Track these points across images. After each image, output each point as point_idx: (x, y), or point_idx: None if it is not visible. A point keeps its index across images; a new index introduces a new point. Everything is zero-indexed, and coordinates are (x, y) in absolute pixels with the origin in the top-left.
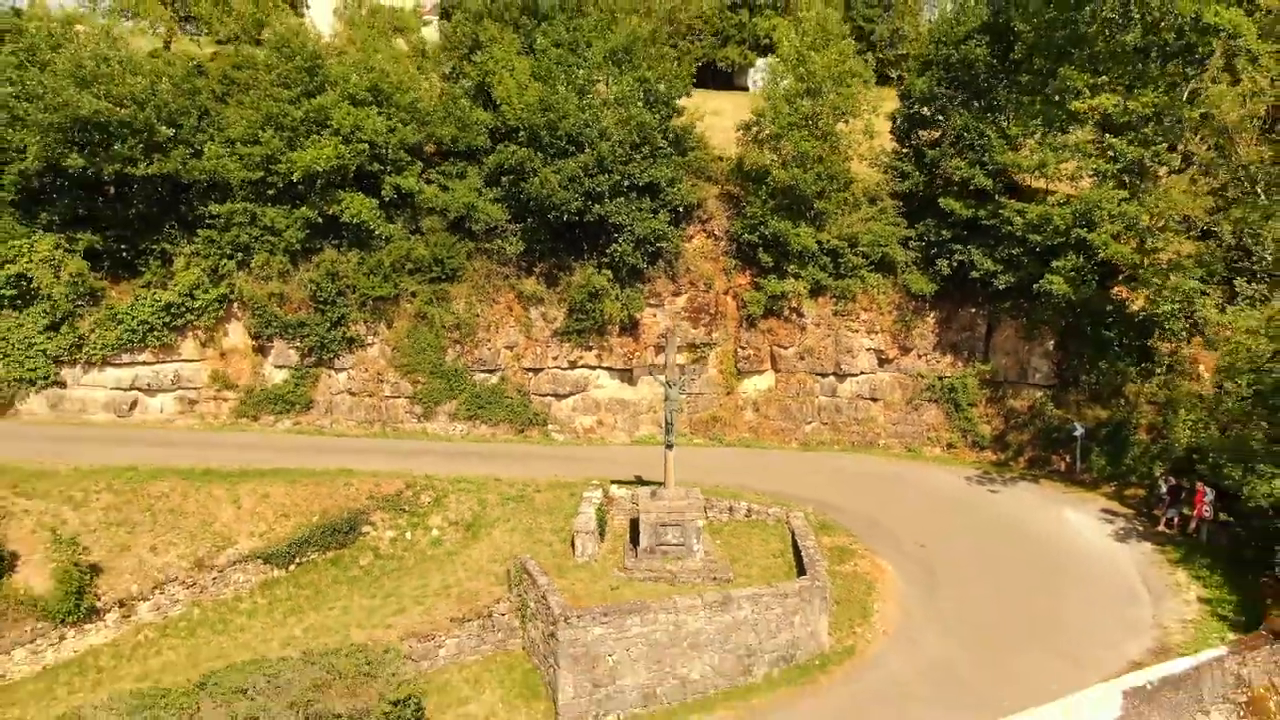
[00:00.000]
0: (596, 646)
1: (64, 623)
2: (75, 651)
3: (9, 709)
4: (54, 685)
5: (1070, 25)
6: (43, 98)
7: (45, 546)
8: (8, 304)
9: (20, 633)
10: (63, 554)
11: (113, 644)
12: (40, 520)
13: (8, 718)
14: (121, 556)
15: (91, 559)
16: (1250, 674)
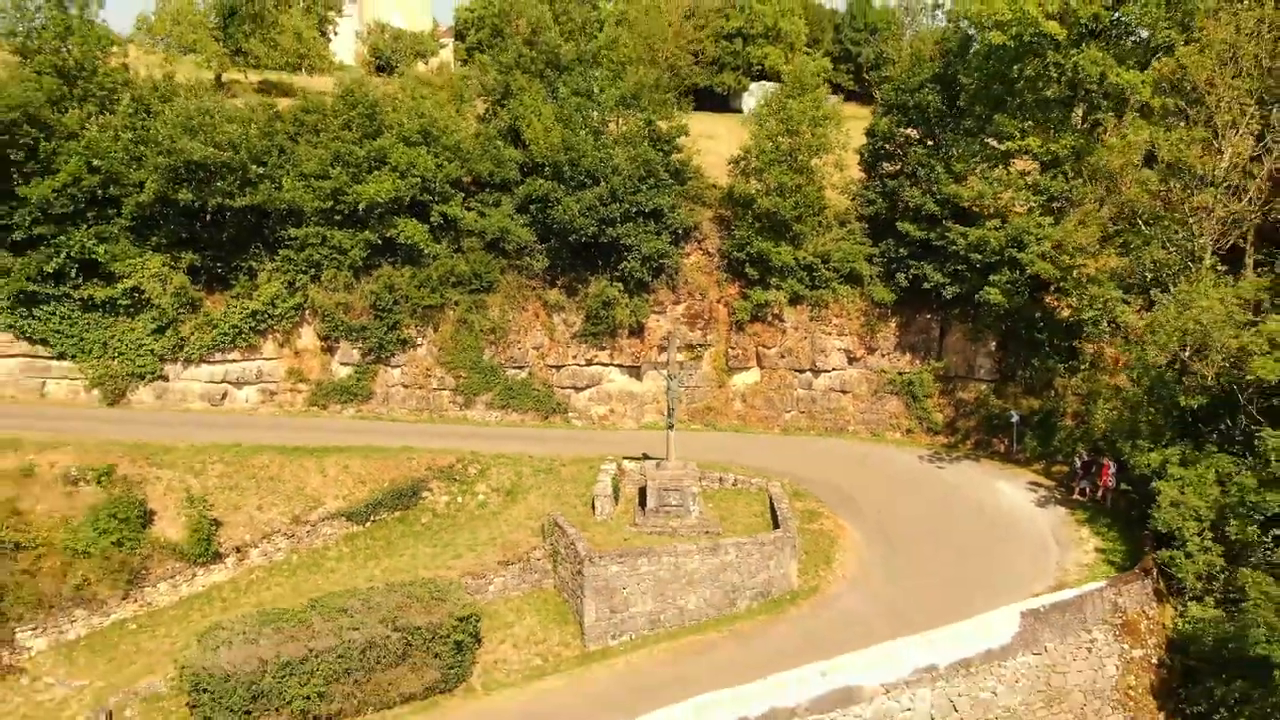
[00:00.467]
0: (613, 581)
1: (195, 563)
2: (203, 586)
3: (157, 628)
4: (189, 611)
5: (1004, 80)
6: (159, 144)
7: (177, 505)
8: (123, 311)
9: (162, 570)
10: (194, 510)
11: (232, 581)
12: (169, 485)
13: (157, 634)
14: (235, 513)
15: (213, 515)
16: (1125, 602)
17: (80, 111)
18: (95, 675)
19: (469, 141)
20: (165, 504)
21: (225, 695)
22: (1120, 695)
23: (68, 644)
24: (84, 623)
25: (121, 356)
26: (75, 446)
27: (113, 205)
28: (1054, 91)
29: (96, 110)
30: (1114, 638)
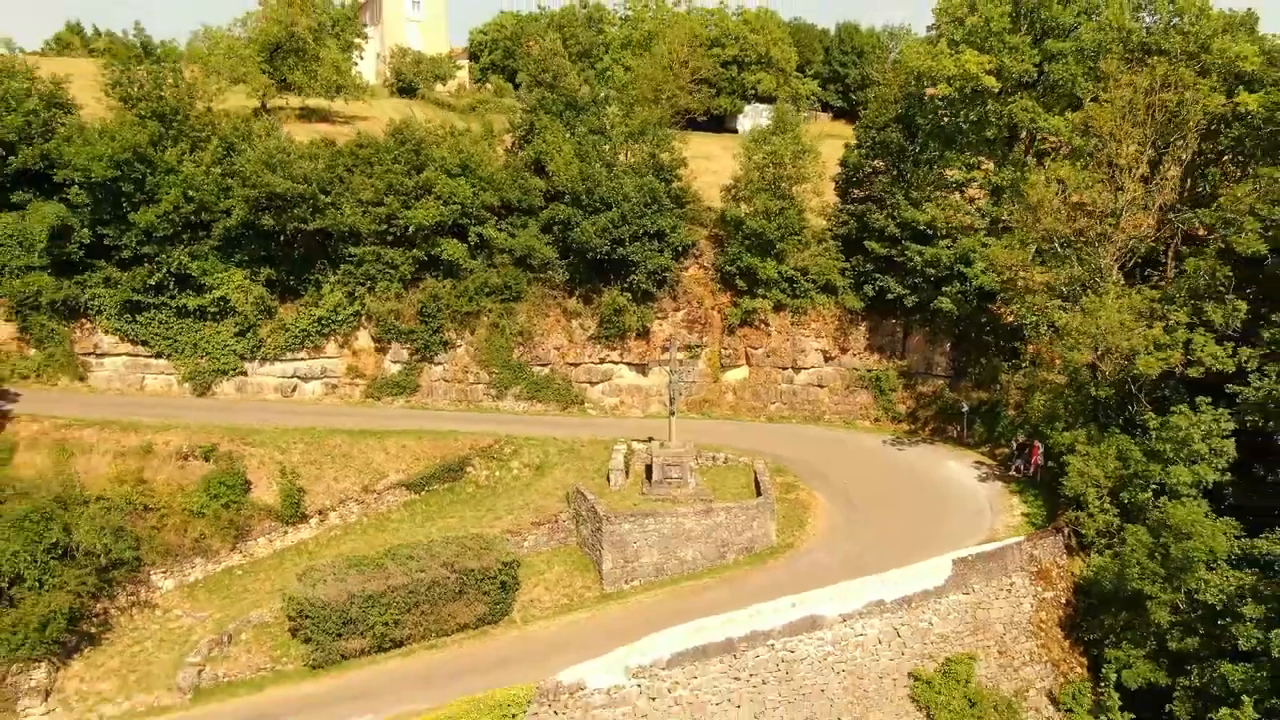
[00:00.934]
0: (626, 537)
1: (286, 523)
2: (293, 541)
3: (259, 573)
4: (283, 561)
5: (954, 121)
6: (245, 178)
7: (269, 476)
8: (211, 317)
9: (260, 528)
10: (285, 480)
11: (315, 537)
12: (261, 460)
13: (259, 578)
14: (316, 483)
15: (299, 484)
16: (1040, 554)
17: (176, 150)
18: (214, 608)
19: (500, 173)
20: (259, 475)
21: (322, 620)
22: (1033, 627)
23: (190, 585)
24: (201, 568)
25: (209, 355)
26: (182, 429)
27: (204, 228)
28: (994, 133)
29: (189, 148)
30: (1030, 582)
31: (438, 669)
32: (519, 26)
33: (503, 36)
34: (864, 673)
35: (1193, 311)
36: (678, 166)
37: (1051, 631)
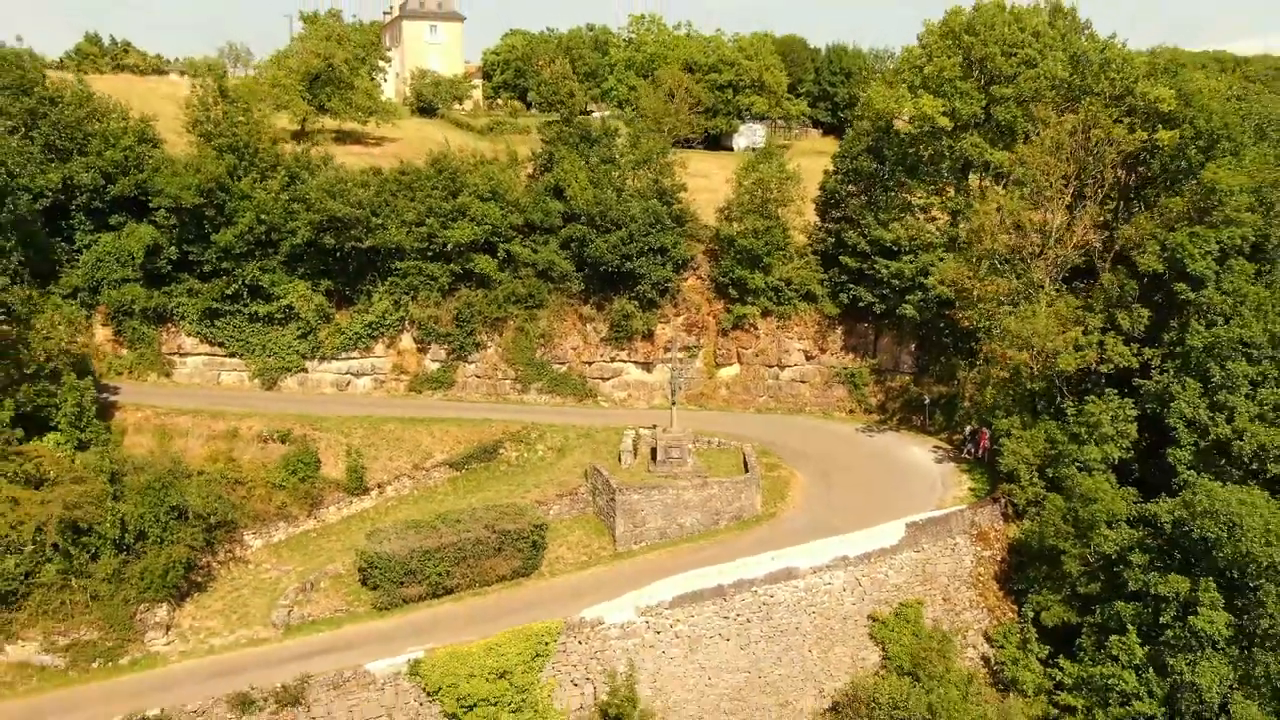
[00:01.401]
0: (635, 505)
1: (351, 494)
2: (358, 510)
3: (330, 535)
4: (350, 525)
5: (915, 153)
6: (310, 203)
7: (336, 455)
8: (277, 322)
9: (330, 499)
10: (350, 459)
11: (375, 507)
12: (328, 443)
13: (331, 539)
14: (375, 462)
15: (361, 462)
16: (980, 520)
17: (249, 179)
18: (295, 563)
19: (524, 197)
20: (327, 455)
21: (387, 571)
22: (973, 579)
23: (274, 544)
24: (283, 531)
25: (275, 355)
26: (260, 416)
27: (273, 246)
28: (948, 165)
29: (260, 177)
30: (971, 542)
31: (482, 611)
32: (529, 47)
33: (514, 57)
34: (830, 614)
35: (1107, 318)
36: (678, 190)
37: (988, 583)
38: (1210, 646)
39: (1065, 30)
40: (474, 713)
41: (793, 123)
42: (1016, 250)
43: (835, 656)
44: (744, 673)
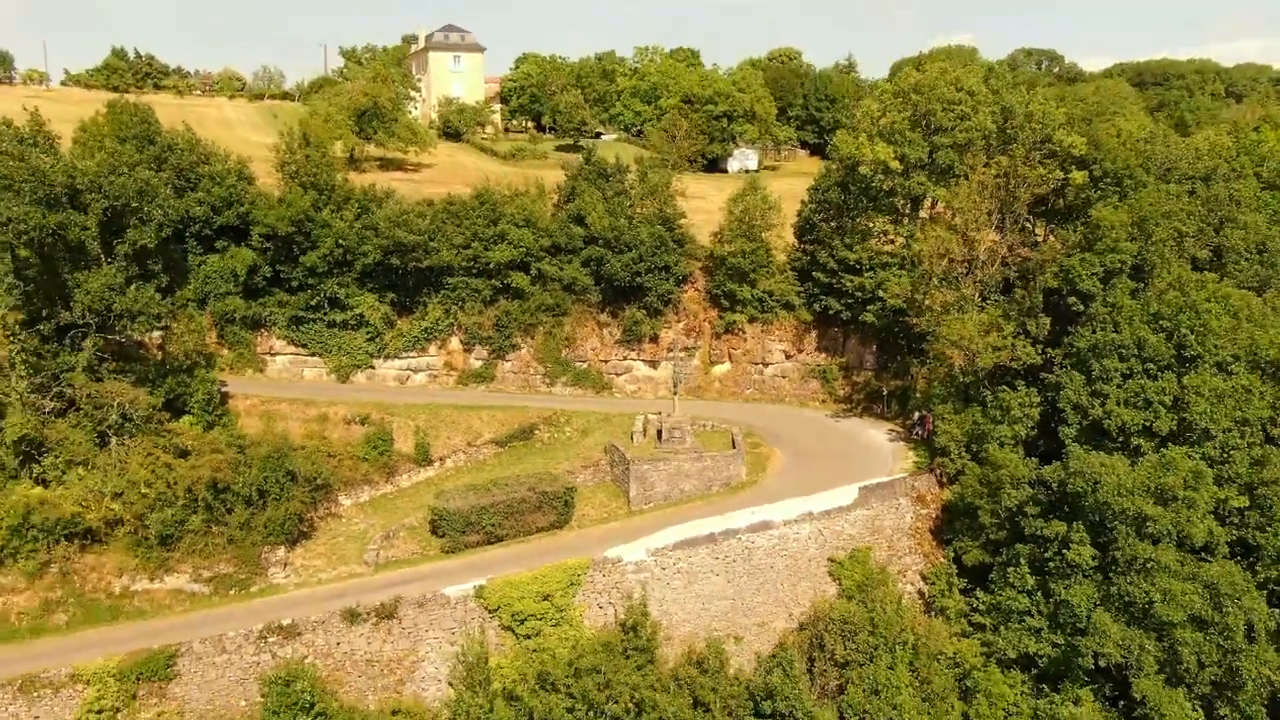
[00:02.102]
0: (645, 474)
1: (419, 465)
2: (424, 478)
3: (403, 497)
4: (419, 489)
5: (873, 188)
6: (379, 231)
7: (405, 434)
8: (350, 327)
9: (403, 469)
10: (417, 436)
11: (438, 475)
12: (399, 424)
13: (404, 500)
14: (436, 439)
15: (426, 440)
16: (919, 486)
17: (328, 210)
18: (378, 518)
19: (551, 223)
20: (399, 434)
21: (452, 522)
22: (912, 531)
23: (360, 504)
24: (367, 494)
25: (348, 354)
26: (343, 403)
27: (348, 265)
28: (900, 199)
29: (337, 208)
30: (911, 503)
31: (526, 554)
32: (543, 75)
33: (530, 84)
34: (798, 557)
35: (1019, 325)
36: (678, 218)
37: (924, 534)
38: (1080, 574)
39: (998, 87)
40: (525, 625)
41: (781, 146)
42: (949, 271)
43: (801, 589)
44: (730, 600)
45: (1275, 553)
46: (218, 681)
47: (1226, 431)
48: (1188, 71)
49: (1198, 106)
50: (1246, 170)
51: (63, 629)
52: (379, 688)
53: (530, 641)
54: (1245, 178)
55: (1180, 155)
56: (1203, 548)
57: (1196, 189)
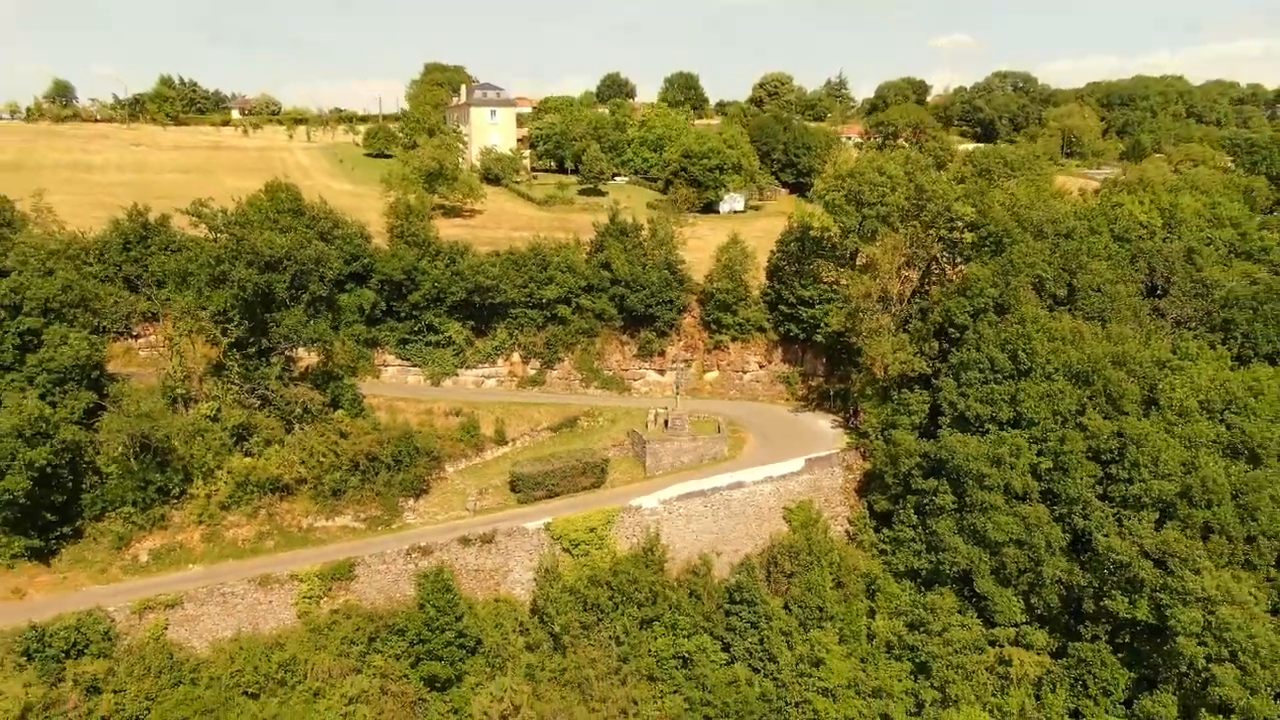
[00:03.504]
0: (656, 450)
1: (498, 445)
2: (502, 453)
3: (489, 466)
4: (500, 460)
5: (820, 245)
6: (465, 276)
7: (488, 422)
8: (441, 346)
9: (488, 447)
10: (497, 424)
11: (511, 451)
12: (482, 415)
13: (489, 469)
14: (509, 426)
15: (502, 428)
16: (849, 458)
17: (426, 260)
18: (472, 480)
19: (586, 268)
20: (482, 422)
21: (525, 482)
22: (842, 490)
23: (460, 470)
24: (465, 464)
25: (439, 365)
26: (441, 401)
27: (440, 302)
28: (839, 253)
29: (430, 258)
30: (842, 470)
31: (576, 503)
32: (565, 126)
33: (553, 132)
34: (762, 506)
35: (917, 346)
36: (679, 263)
37: (850, 492)
38: (944, 513)
39: (912, 170)
40: (578, 548)
41: (764, 190)
42: (871, 307)
43: (763, 527)
44: (714, 533)
45: (1067, 497)
46: (380, 580)
47: (1045, 419)
48: (1153, 93)
49: (1158, 127)
50: (1101, 227)
51: (270, 550)
52: (484, 587)
53: (582, 559)
54: (1099, 233)
55: (1049, 217)
56: (1021, 495)
57: (1060, 243)
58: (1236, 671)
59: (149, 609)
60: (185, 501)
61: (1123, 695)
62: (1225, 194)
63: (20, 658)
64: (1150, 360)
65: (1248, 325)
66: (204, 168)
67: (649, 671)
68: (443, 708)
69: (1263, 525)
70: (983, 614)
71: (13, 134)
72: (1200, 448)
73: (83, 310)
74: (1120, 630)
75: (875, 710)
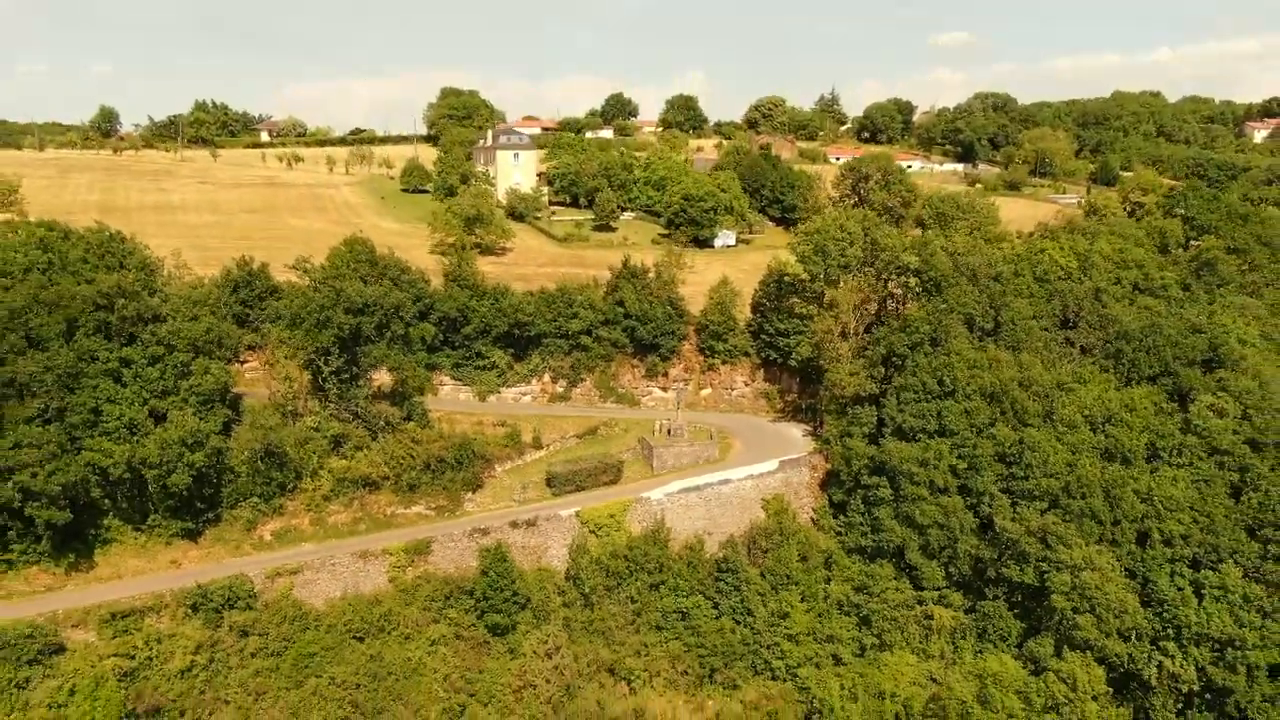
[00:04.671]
0: (660, 453)
1: (535, 449)
2: (539, 456)
3: (529, 467)
4: (539, 462)
5: (794, 286)
6: (505, 313)
7: (528, 430)
8: (487, 369)
9: (527, 451)
10: (533, 432)
11: (546, 454)
12: (522, 425)
13: (528, 467)
14: (544, 433)
15: (538, 435)
16: (814, 460)
17: (474, 300)
18: (516, 478)
19: (603, 304)
20: (523, 431)
21: (559, 479)
22: (809, 486)
23: (505, 470)
24: (510, 464)
25: (486, 385)
26: (489, 414)
27: (487, 333)
28: (809, 294)
29: (478, 297)
30: (809, 470)
31: (598, 496)
32: (579, 165)
33: (568, 172)
34: (745, 498)
35: (869, 372)
36: (680, 300)
37: (815, 487)
38: (885, 504)
39: (868, 227)
40: (601, 530)
41: (753, 226)
42: (831, 339)
43: (746, 515)
44: (707, 520)
45: (977, 490)
46: (451, 554)
47: (963, 430)
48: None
49: (1129, 146)
50: (1025, 271)
51: (363, 532)
52: (529, 560)
53: (604, 538)
54: (1023, 275)
55: (982, 263)
56: (943, 489)
57: (989, 285)
58: (1094, 619)
59: (279, 574)
60: (297, 494)
61: (1015, 640)
62: (1140, 237)
63: (187, 609)
64: (1050, 382)
65: (1133, 353)
66: (268, 207)
67: (656, 623)
68: (501, 648)
69: (1125, 512)
70: (912, 580)
71: (85, 170)
72: (1082, 452)
73: (217, 346)
74: (1014, 591)
75: (828, 652)
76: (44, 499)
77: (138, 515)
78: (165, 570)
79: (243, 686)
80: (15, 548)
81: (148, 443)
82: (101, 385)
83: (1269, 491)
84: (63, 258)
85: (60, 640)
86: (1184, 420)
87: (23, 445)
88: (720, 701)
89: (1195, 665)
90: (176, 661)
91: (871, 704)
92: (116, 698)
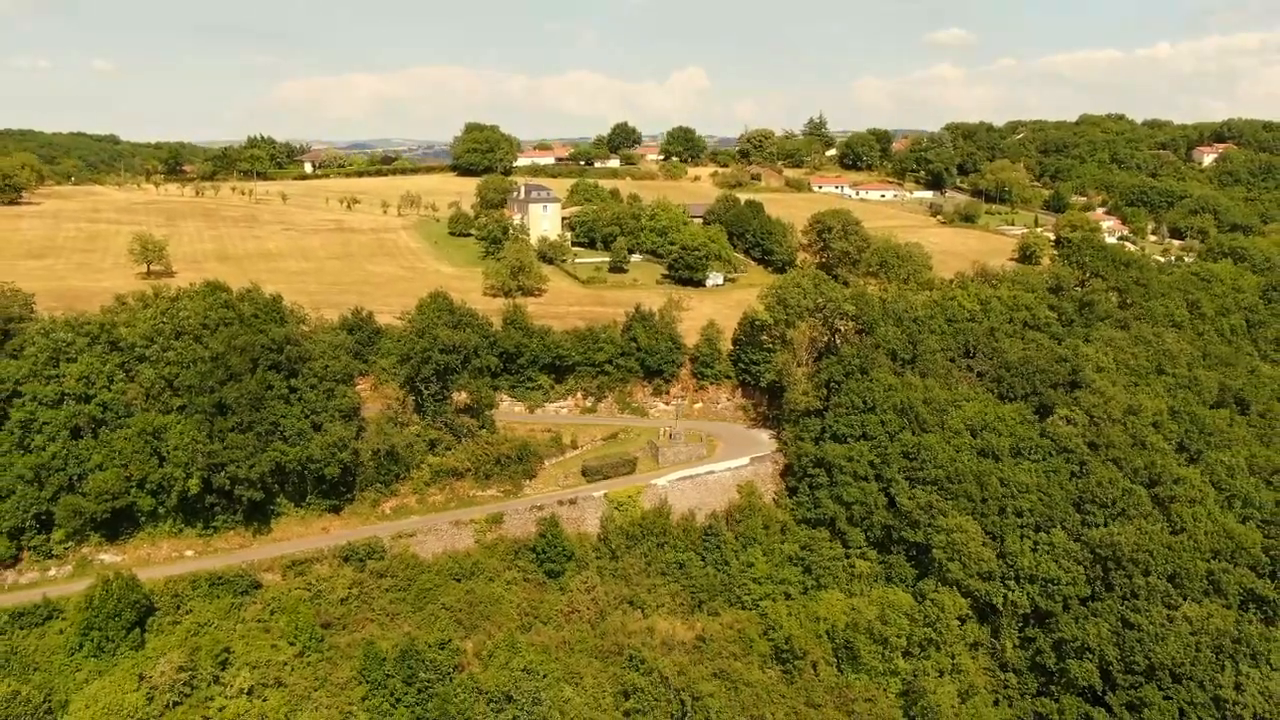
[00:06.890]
0: (664, 452)
1: (573, 449)
2: (576, 453)
3: (569, 461)
4: (575, 459)
5: (764, 327)
6: (549, 348)
7: (568, 435)
8: (535, 389)
9: (566, 449)
10: (570, 435)
11: (580, 452)
12: (561, 431)
13: (568, 461)
14: (577, 436)
15: (574, 439)
16: (779, 456)
17: (525, 337)
18: (560, 469)
19: (621, 339)
20: (563, 435)
21: (591, 471)
22: (772, 475)
23: (552, 464)
24: (555, 460)
25: (533, 401)
26: (538, 423)
27: (535, 363)
28: (777, 333)
29: (528, 336)
30: (773, 464)
31: (620, 483)
32: (596, 214)
33: (586, 218)
34: (726, 485)
35: (815, 392)
36: (679, 337)
37: (776, 476)
38: (823, 487)
39: (818, 283)
40: (622, 507)
41: (738, 268)
42: (789, 368)
43: (725, 497)
44: (697, 500)
45: (887, 478)
46: (517, 523)
47: (879, 436)
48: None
49: (1084, 174)
50: (938, 314)
51: (454, 508)
52: (573, 527)
53: (625, 513)
54: (935, 318)
55: (905, 309)
56: (864, 477)
57: (909, 325)
58: (960, 565)
59: (400, 537)
60: (406, 481)
61: (911, 582)
62: (1034, 284)
63: (341, 560)
64: (945, 400)
65: (1010, 378)
66: (347, 253)
67: (661, 570)
68: (554, 587)
69: (990, 492)
70: (842, 541)
71: (188, 217)
72: (962, 451)
73: (349, 377)
74: (910, 548)
75: (781, 590)
76: (246, 483)
77: (298, 496)
78: (318, 535)
79: (383, 610)
80: (219, 519)
81: (311, 446)
82: (277, 406)
83: (1090, 477)
84: (239, 314)
85: (258, 579)
86: (1042, 428)
87: (230, 447)
88: (706, 623)
89: (1028, 597)
90: (338, 593)
91: (810, 625)
92: (309, 612)
